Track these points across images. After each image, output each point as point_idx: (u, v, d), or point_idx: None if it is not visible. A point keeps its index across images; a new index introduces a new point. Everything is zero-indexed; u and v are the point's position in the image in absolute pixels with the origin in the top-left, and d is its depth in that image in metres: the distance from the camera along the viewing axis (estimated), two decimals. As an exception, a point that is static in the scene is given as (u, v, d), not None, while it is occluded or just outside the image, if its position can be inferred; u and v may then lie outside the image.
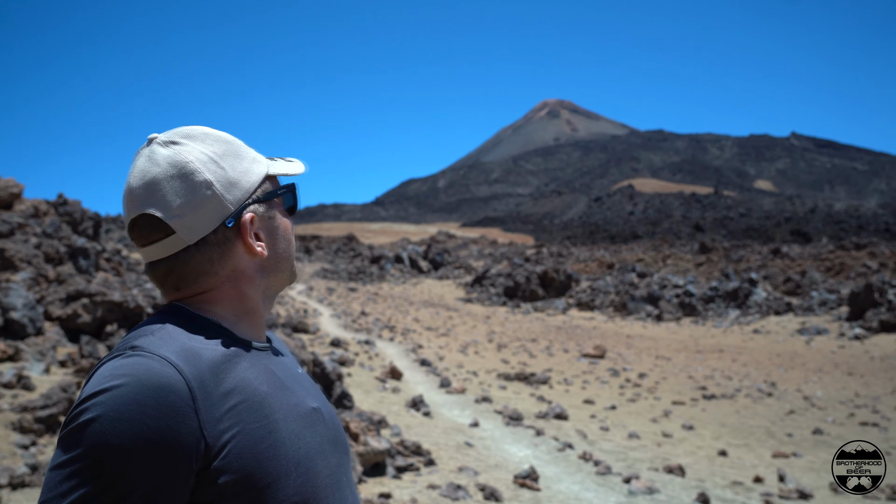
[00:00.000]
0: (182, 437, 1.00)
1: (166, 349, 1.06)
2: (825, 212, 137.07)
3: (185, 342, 1.10)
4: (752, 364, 19.49)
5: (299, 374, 1.32)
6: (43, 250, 12.92)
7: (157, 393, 0.99)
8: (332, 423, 1.28)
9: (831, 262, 44.19)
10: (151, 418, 0.98)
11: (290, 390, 1.21)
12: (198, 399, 1.03)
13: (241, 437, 1.05)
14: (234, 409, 1.07)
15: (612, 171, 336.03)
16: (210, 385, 1.06)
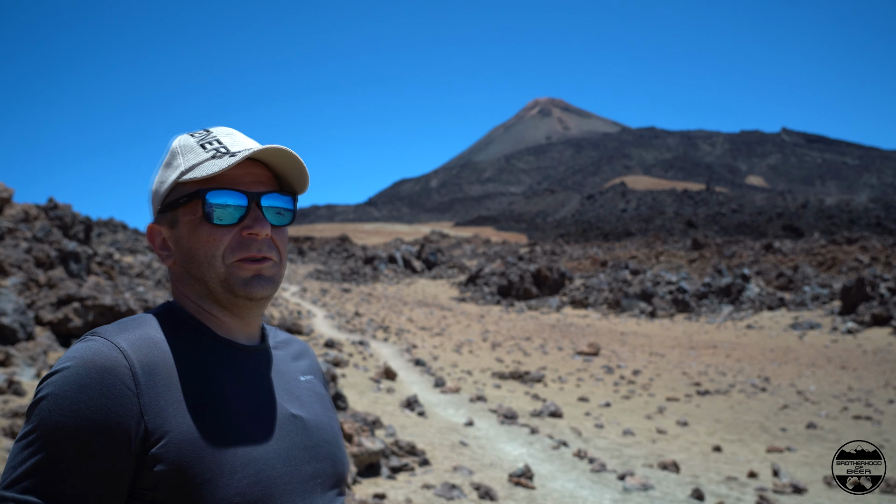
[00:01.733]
0: (120, 419, 1.04)
1: (122, 336, 1.11)
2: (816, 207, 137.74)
3: (147, 332, 1.15)
4: (745, 359, 19.55)
5: (299, 380, 1.35)
6: (33, 255, 12.84)
7: (100, 375, 1.05)
8: (317, 433, 1.28)
9: (823, 257, 44.37)
10: (91, 398, 1.04)
11: (262, 392, 1.23)
12: (141, 384, 1.07)
13: (183, 429, 1.08)
14: (179, 404, 1.10)
15: (604, 169, 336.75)
16: (160, 373, 1.10)
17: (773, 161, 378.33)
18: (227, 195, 1.21)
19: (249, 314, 1.28)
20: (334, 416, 1.38)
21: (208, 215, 1.21)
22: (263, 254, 1.23)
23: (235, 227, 1.22)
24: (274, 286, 1.26)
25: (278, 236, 1.27)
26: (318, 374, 1.44)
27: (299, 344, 1.46)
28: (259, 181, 1.26)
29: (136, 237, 47.88)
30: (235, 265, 1.22)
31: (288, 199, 1.30)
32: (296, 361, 1.39)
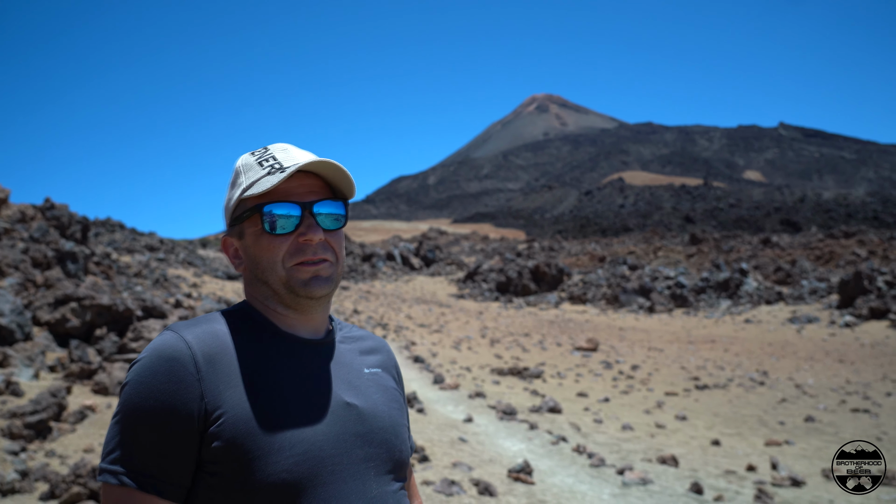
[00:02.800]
0: (184, 401, 1.23)
1: (189, 330, 1.31)
2: (814, 201, 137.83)
3: (213, 327, 1.34)
4: (743, 353, 19.57)
5: (362, 372, 1.48)
6: (30, 255, 12.83)
7: (168, 363, 1.24)
8: (373, 421, 1.40)
9: (821, 251, 44.44)
10: (161, 383, 1.23)
11: (319, 381, 1.38)
12: (202, 371, 1.25)
13: (238, 410, 1.24)
14: (238, 390, 1.27)
15: (601, 165, 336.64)
16: (221, 362, 1.28)
17: (770, 156, 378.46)
18: (282, 207, 1.38)
19: (311, 311, 1.43)
20: (398, 407, 1.51)
21: (267, 226, 1.38)
22: (319, 256, 1.39)
23: (292, 234, 1.38)
24: (332, 284, 1.42)
25: (333, 239, 1.43)
26: (390, 369, 1.57)
27: (374, 340, 1.61)
28: (311, 191, 1.41)
29: (133, 237, 47.80)
30: (295, 268, 1.38)
31: (339, 204, 1.45)
32: (364, 355, 1.53)
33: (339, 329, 1.55)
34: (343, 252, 1.48)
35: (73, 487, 5.03)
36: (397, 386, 1.57)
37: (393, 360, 1.61)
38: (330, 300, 1.48)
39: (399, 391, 1.57)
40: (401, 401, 1.55)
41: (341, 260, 1.46)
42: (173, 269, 33.80)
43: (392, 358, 1.61)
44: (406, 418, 1.55)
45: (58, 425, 6.66)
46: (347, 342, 1.53)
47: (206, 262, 42.15)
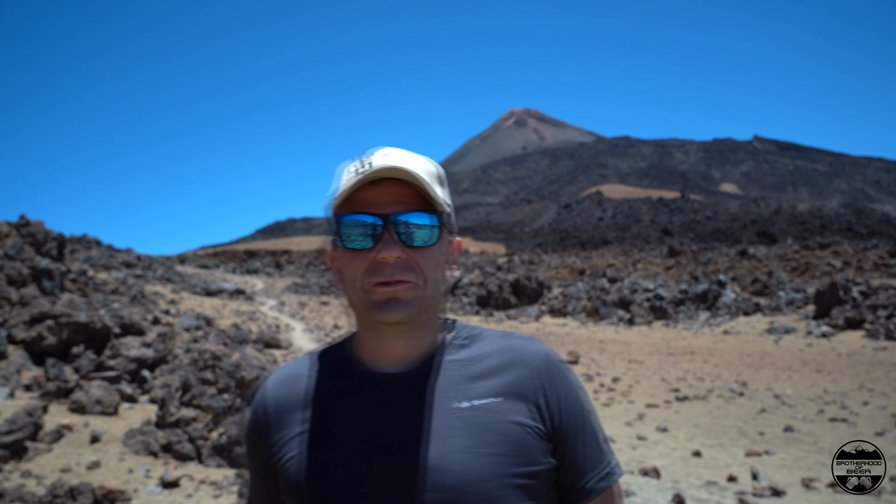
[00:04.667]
0: (258, 447, 1.32)
1: (274, 376, 1.38)
2: (789, 213, 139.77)
3: (293, 370, 1.36)
4: (723, 365, 19.73)
5: (450, 408, 1.23)
6: (5, 273, 12.64)
7: (251, 413, 1.36)
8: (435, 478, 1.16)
9: (797, 262, 45.04)
10: (247, 430, 1.37)
11: (378, 427, 1.23)
12: (270, 420, 1.31)
13: (292, 457, 1.26)
14: (296, 436, 1.27)
15: (580, 178, 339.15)
16: (287, 408, 1.31)
17: (745, 168, 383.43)
18: (357, 218, 1.23)
19: (391, 339, 1.26)
20: (508, 452, 1.19)
21: (343, 239, 1.25)
22: (396, 277, 1.21)
23: (369, 250, 1.23)
24: (411, 310, 1.22)
25: (421, 256, 1.24)
26: (521, 394, 1.25)
27: (509, 355, 1.30)
28: (398, 201, 1.23)
29: (109, 253, 47.29)
30: (370, 289, 1.22)
31: (430, 217, 1.25)
32: (475, 381, 1.26)
33: (457, 346, 1.32)
34: (435, 273, 1.27)
35: (50, 508, 4.95)
36: (532, 416, 1.24)
37: (538, 380, 1.27)
38: (419, 327, 1.28)
39: (532, 422, 1.23)
40: (523, 439, 1.21)
41: (430, 282, 1.25)
42: (151, 285, 33.46)
43: (538, 375, 1.27)
44: (534, 461, 1.21)
45: (34, 445, 6.55)
46: (456, 366, 1.28)
47: (184, 279, 41.78)
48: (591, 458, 1.27)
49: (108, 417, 7.95)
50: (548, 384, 1.27)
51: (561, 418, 1.25)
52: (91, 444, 6.97)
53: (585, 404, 1.31)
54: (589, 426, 1.29)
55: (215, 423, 7.14)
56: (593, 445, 1.28)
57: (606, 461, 1.29)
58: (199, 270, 54.88)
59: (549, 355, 1.31)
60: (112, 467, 6.36)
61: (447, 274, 1.33)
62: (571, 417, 1.27)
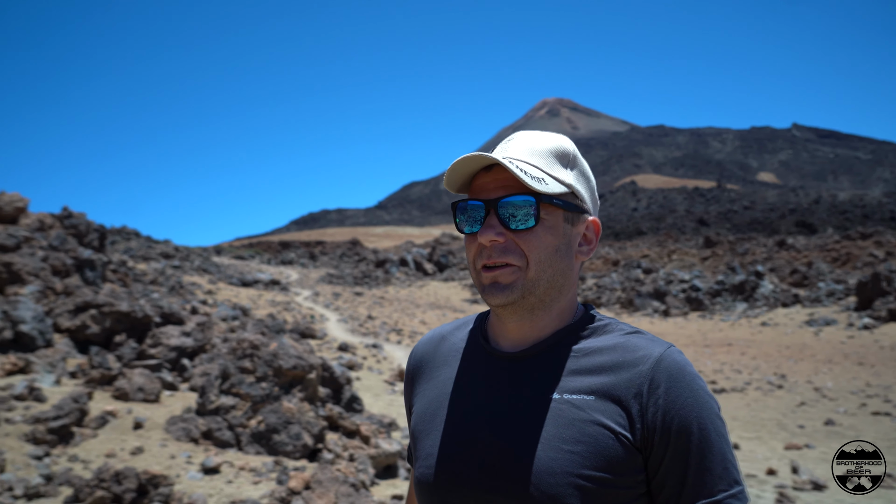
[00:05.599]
0: (407, 390, 1.52)
1: (431, 332, 1.54)
2: (829, 202, 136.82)
3: (446, 330, 1.51)
4: (761, 357, 19.44)
5: (544, 398, 1.23)
6: (50, 263, 12.96)
7: (407, 362, 1.54)
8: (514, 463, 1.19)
9: (837, 253, 44.10)
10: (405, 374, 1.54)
11: (477, 402, 1.31)
12: (413, 368, 1.50)
13: (418, 408, 1.43)
14: (425, 390, 1.43)
15: (613, 168, 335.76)
16: (428, 362, 1.47)
17: (784, 157, 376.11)
18: (467, 204, 1.29)
19: (506, 318, 1.31)
20: (586, 452, 1.16)
21: (457, 225, 1.32)
22: (496, 260, 1.25)
23: (478, 234, 1.28)
24: (513, 293, 1.24)
25: (524, 239, 1.25)
26: (620, 397, 1.20)
27: (620, 354, 1.25)
28: (503, 185, 1.26)
29: (148, 244, 48.16)
30: (481, 272, 1.28)
31: (529, 199, 1.24)
32: (578, 376, 1.24)
33: (581, 336, 1.30)
34: (541, 255, 1.26)
35: (96, 492, 5.08)
36: (623, 421, 1.18)
37: (643, 385, 1.19)
38: (530, 310, 1.28)
39: (621, 428, 1.17)
40: (606, 443, 1.16)
41: (534, 264, 1.25)
42: (188, 276, 34.01)
43: (644, 381, 1.19)
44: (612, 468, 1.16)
45: (80, 430, 6.73)
46: (566, 356, 1.27)
47: (221, 269, 42.37)
48: (702, 482, 1.16)
49: (150, 404, 8.12)
50: (650, 391, 1.19)
51: (659, 430, 1.17)
52: (134, 431, 7.13)
53: (703, 420, 1.18)
54: (702, 444, 1.17)
55: (254, 411, 7.25)
56: (708, 467, 1.16)
57: (721, 489, 1.16)
58: (234, 261, 55.61)
59: (664, 361, 1.21)
60: (155, 453, 6.51)
61: (569, 256, 1.32)
62: (676, 431, 1.17)
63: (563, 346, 1.29)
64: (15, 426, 6.39)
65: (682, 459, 1.16)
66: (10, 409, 6.83)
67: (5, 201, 15.28)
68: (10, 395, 7.14)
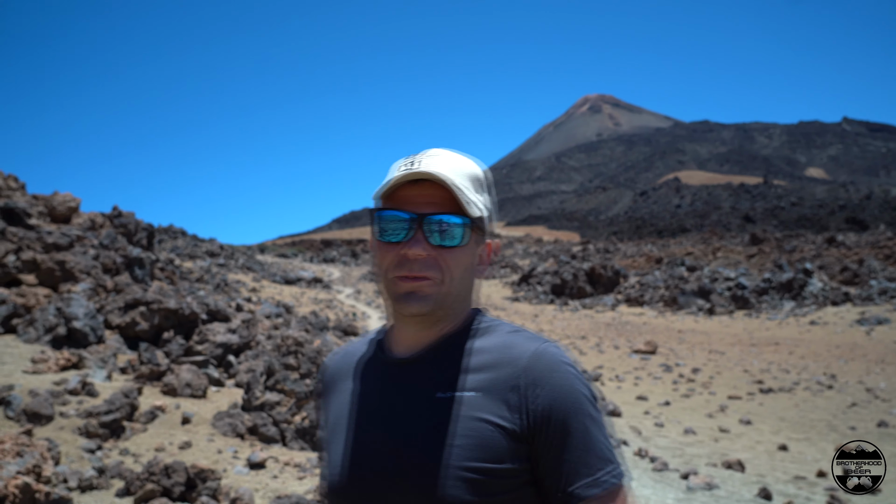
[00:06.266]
0: (318, 399, 1.58)
1: (336, 350, 1.62)
2: (881, 198, 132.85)
3: (353, 346, 1.56)
4: (809, 356, 18.99)
5: (432, 396, 1.30)
6: (101, 261, 13.31)
7: (318, 377, 1.60)
8: (402, 458, 1.27)
9: (890, 250, 42.76)
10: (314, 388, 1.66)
11: (371, 406, 1.39)
12: (325, 383, 1.54)
13: (328, 420, 1.48)
14: (335, 402, 1.48)
15: (657, 165, 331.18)
16: (338, 377, 1.51)
17: (833, 152, 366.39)
18: (394, 214, 1.32)
19: (409, 328, 1.37)
20: (469, 444, 1.23)
21: (378, 231, 1.34)
22: (417, 273, 1.30)
23: (400, 244, 1.31)
24: (429, 304, 1.30)
25: (447, 256, 1.31)
26: (500, 391, 1.26)
27: (499, 353, 1.32)
28: (433, 202, 1.30)
29: (194, 243, 49.09)
30: (395, 280, 1.32)
31: (458, 219, 1.30)
32: (465, 374, 1.30)
33: (464, 339, 1.36)
34: (458, 272, 1.33)
35: (146, 485, 5.20)
36: (506, 415, 1.24)
37: (521, 379, 1.26)
38: (437, 321, 1.35)
39: (504, 421, 1.24)
40: (489, 435, 1.23)
41: (451, 280, 1.32)
42: (233, 273, 34.60)
43: (522, 375, 1.26)
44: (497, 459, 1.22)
45: (130, 425, 6.90)
46: (455, 357, 1.33)
47: (265, 267, 43.01)
48: (581, 463, 1.23)
49: (197, 400, 8.28)
50: (526, 384, 1.26)
51: (539, 421, 1.24)
52: (182, 426, 7.28)
53: (579, 407, 1.25)
54: (581, 429, 1.24)
55: (298, 408, 7.34)
56: (584, 449, 1.23)
57: (598, 468, 1.23)
58: (278, 259, 56.38)
59: (540, 355, 1.29)
60: (202, 447, 6.64)
61: (475, 274, 1.41)
62: (555, 419, 1.24)
63: (451, 348, 1.35)
64: (69, 420, 6.58)
65: (562, 444, 1.23)
66: (64, 403, 7.03)
67: (58, 201, 15.74)
68: (64, 389, 7.35)
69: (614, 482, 1.23)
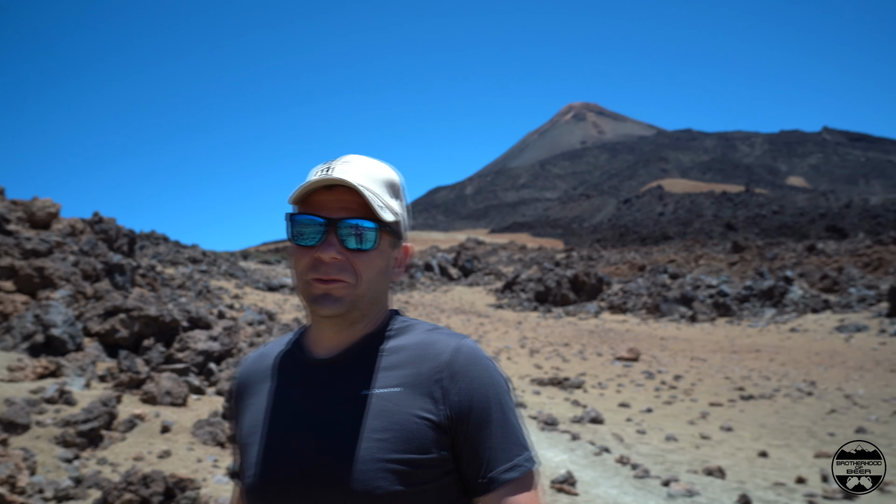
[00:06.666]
0: (230, 416, 1.56)
1: (253, 352, 1.62)
2: (861, 206, 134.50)
3: (268, 348, 1.57)
4: (790, 363, 19.15)
5: (357, 395, 1.35)
6: (80, 268, 13.18)
7: (231, 382, 1.60)
8: (327, 455, 1.30)
9: (869, 258, 43.27)
10: (227, 393, 1.56)
11: (294, 406, 1.40)
12: (238, 389, 1.54)
13: (243, 425, 1.48)
14: (251, 405, 1.48)
15: (640, 173, 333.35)
16: (252, 381, 1.52)
17: (814, 161, 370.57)
18: (308, 218, 1.36)
19: (326, 329, 1.42)
20: (394, 438, 1.29)
21: (292, 235, 1.38)
22: (332, 276, 1.35)
23: (314, 248, 1.35)
24: (343, 306, 1.36)
25: (360, 260, 1.36)
26: (423, 384, 1.34)
27: (417, 350, 1.39)
28: (346, 207, 1.36)
29: (176, 249, 48.73)
30: (310, 283, 1.36)
31: (371, 224, 1.36)
32: (386, 371, 1.37)
33: (387, 337, 1.43)
34: (371, 275, 1.38)
35: (124, 495, 5.15)
36: (430, 407, 1.32)
37: (442, 372, 1.34)
38: (353, 322, 1.41)
39: (428, 413, 1.31)
40: (413, 428, 1.29)
41: (365, 283, 1.37)
42: (216, 280, 34.37)
43: (443, 369, 1.34)
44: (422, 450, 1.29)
45: (109, 433, 6.82)
46: (375, 356, 1.40)
47: (248, 274, 42.75)
48: (499, 451, 1.32)
49: (177, 408, 8.21)
50: (449, 378, 1.34)
51: (461, 411, 1.32)
52: (162, 434, 7.21)
53: (497, 397, 1.35)
54: (499, 418, 1.34)
55: (279, 415, 7.29)
56: (502, 438, 1.33)
57: (516, 454, 1.33)
58: (261, 266, 56.06)
59: (460, 350, 1.37)
60: (182, 456, 6.58)
61: (388, 277, 1.46)
62: (476, 409, 1.32)
63: (372, 348, 1.41)
64: (46, 429, 6.50)
65: (483, 432, 1.32)
66: (41, 411, 6.95)
67: (38, 207, 15.58)
68: (41, 398, 7.26)
69: (529, 466, 1.34)
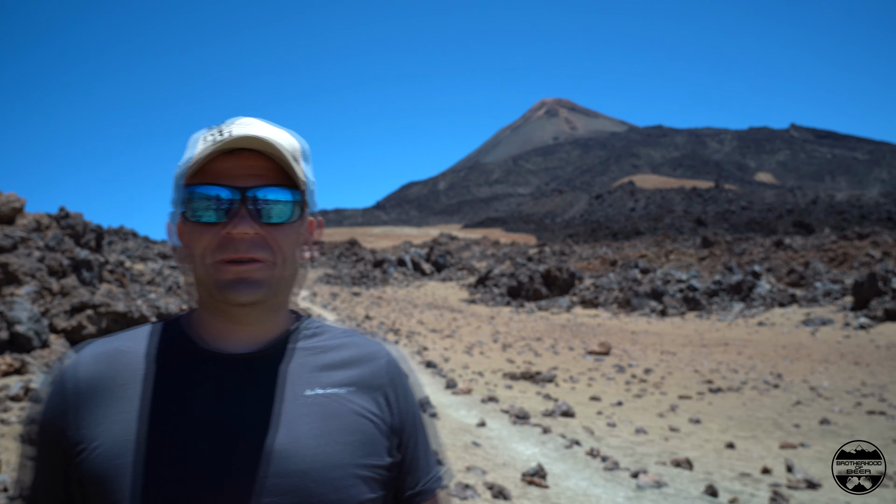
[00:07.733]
0: (53, 423, 1.12)
1: (92, 349, 1.18)
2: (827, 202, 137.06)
3: (121, 345, 1.19)
4: (757, 356, 19.48)
5: (303, 395, 1.16)
6: (46, 263, 12.96)
7: (52, 394, 1.15)
8: (285, 463, 1.09)
9: (834, 253, 44.14)
10: (42, 412, 1.14)
11: (225, 408, 1.12)
12: (82, 395, 1.12)
13: (113, 439, 1.09)
14: (115, 417, 1.10)
15: (612, 168, 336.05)
16: (108, 385, 1.13)
17: (782, 157, 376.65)
18: (207, 189, 1.13)
19: (244, 318, 1.17)
20: (355, 442, 1.16)
21: (190, 211, 1.14)
22: (247, 255, 1.12)
23: (219, 225, 1.13)
24: (263, 290, 1.14)
25: (278, 234, 1.15)
26: (372, 388, 1.23)
27: (358, 349, 1.27)
28: (255, 174, 1.14)
29: (146, 245, 48.15)
30: (216, 266, 1.13)
31: (287, 192, 1.16)
32: (326, 371, 1.21)
33: (305, 336, 1.26)
34: (291, 252, 1.19)
35: (91, 492, 5.10)
36: (378, 411, 1.21)
37: (384, 377, 1.26)
38: (273, 309, 1.21)
39: (378, 417, 1.21)
40: (371, 431, 1.18)
41: (286, 261, 1.17)
42: (186, 276, 33.98)
43: (384, 373, 1.26)
44: (379, 455, 1.18)
45: (75, 431, 6.74)
46: (308, 353, 1.23)
47: (219, 270, 42.39)
48: (427, 462, 1.30)
49: (146, 405, 8.13)
50: (391, 382, 1.26)
51: (403, 417, 1.25)
52: (130, 431, 7.14)
53: (422, 408, 1.33)
54: (423, 430, 1.31)
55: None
56: (427, 446, 1.31)
57: (438, 463, 1.33)
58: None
59: (393, 357, 1.31)
60: (150, 453, 6.52)
61: (303, 254, 1.26)
62: (411, 418, 1.27)
63: (301, 344, 1.23)
64: (10, 427, 6.40)
65: (416, 442, 1.28)
66: (5, 409, 6.84)
67: (2, 201, 15.28)
68: (5, 395, 7.14)
69: (446, 480, 1.34)
